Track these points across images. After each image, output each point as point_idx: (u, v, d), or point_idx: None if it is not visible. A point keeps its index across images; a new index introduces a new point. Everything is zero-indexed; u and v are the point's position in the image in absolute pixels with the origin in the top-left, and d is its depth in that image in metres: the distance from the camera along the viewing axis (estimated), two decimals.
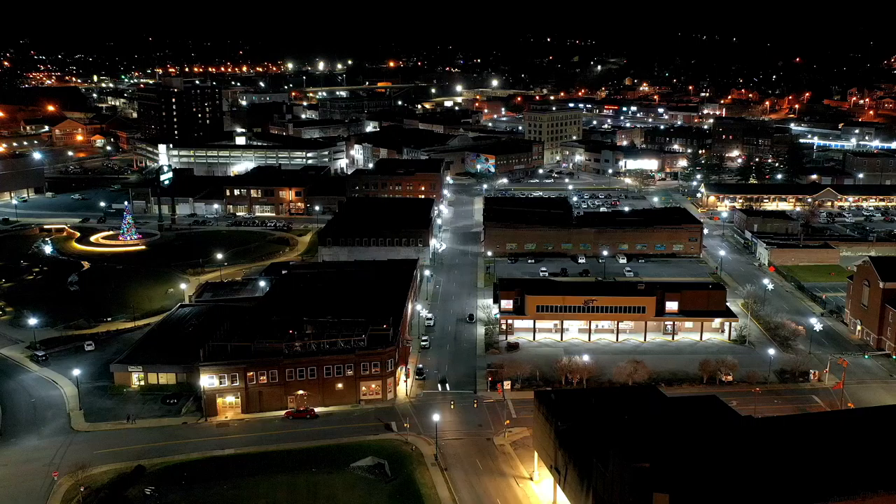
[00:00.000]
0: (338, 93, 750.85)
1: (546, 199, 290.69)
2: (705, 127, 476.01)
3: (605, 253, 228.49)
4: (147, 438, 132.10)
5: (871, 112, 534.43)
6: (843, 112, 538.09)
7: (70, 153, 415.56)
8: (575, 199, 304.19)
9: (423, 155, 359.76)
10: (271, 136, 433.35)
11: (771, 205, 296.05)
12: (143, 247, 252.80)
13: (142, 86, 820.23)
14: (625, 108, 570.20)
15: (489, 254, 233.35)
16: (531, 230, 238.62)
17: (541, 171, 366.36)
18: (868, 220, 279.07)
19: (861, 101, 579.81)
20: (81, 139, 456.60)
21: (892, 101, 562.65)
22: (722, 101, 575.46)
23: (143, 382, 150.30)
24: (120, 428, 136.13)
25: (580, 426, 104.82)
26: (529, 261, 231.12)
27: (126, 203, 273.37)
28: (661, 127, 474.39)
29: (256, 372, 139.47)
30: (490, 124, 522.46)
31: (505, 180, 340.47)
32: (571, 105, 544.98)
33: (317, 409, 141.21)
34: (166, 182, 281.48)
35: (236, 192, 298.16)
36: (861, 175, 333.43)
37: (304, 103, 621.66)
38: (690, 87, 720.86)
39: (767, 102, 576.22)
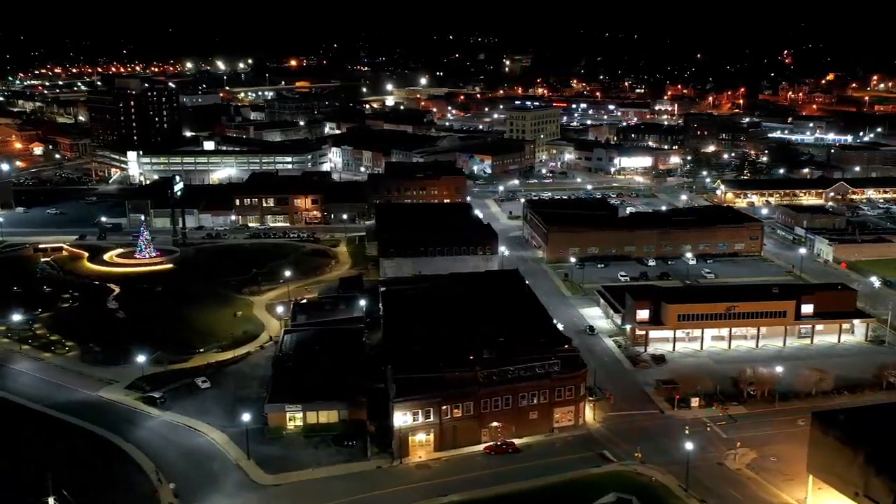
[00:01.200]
0: (261, 93, 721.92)
1: (586, 200, 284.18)
2: (665, 122, 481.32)
3: (688, 255, 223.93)
4: (349, 489, 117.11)
5: (815, 106, 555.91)
6: (784, 106, 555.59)
7: (18, 163, 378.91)
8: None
9: (416, 157, 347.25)
10: (234, 140, 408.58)
11: (785, 200, 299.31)
12: (170, 265, 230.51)
13: (39, 88, 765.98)
14: (574, 106, 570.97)
15: (573, 260, 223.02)
16: (596, 233, 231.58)
17: (544, 171, 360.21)
18: (887, 212, 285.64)
19: (793, 96, 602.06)
20: (20, 147, 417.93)
21: (822, 95, 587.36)
22: (665, 97, 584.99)
23: (299, 423, 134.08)
24: (311, 478, 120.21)
25: None
26: (599, 265, 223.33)
27: (142, 217, 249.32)
28: (625, 124, 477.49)
29: (451, 405, 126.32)
30: (447, 123, 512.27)
31: (516, 181, 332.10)
32: (526, 103, 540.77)
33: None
34: (179, 193, 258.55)
35: (246, 201, 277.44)
36: (857, 168, 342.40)
37: (237, 104, 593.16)
38: (626, 84, 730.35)
39: (711, 98, 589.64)
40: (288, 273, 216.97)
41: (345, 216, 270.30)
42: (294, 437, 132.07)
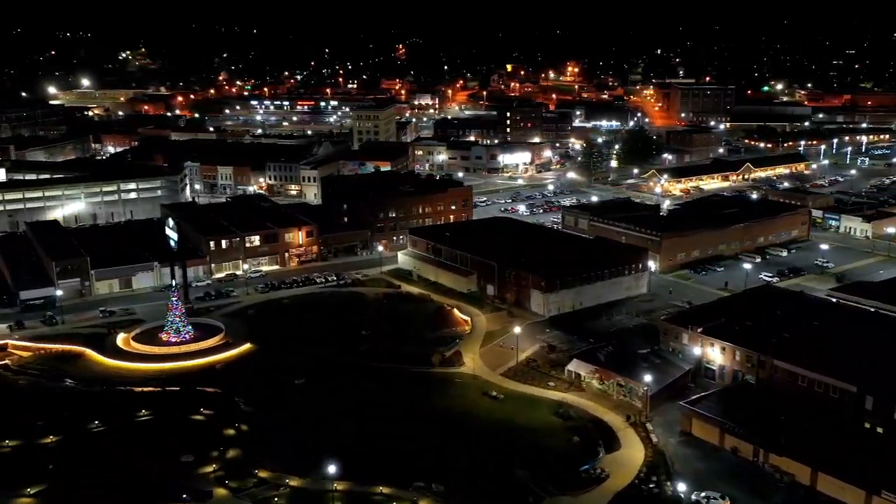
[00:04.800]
0: None
1: (611, 201, 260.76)
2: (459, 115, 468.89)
3: (823, 247, 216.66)
4: None
5: (554, 95, 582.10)
6: (520, 97, 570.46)
7: None
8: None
9: (306, 169, 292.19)
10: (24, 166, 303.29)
11: (709, 183, 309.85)
12: (247, 345, 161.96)
13: None
14: (323, 104, 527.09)
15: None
16: (699, 236, 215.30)
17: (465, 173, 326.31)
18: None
19: (513, 87, 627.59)
20: None
21: (533, 85, 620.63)
22: (400, 90, 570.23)
23: None
24: None
25: None
26: (718, 269, 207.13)
27: (172, 284, 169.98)
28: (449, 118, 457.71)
29: None
30: (211, 128, 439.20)
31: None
32: (265, 102, 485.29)
33: None
34: (173, 243, 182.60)
35: (223, 243, 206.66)
36: (717, 150, 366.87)
37: None
38: (341, 80, 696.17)
39: (450, 91, 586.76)
40: (414, 331, 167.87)
41: (379, 248, 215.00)
42: None
